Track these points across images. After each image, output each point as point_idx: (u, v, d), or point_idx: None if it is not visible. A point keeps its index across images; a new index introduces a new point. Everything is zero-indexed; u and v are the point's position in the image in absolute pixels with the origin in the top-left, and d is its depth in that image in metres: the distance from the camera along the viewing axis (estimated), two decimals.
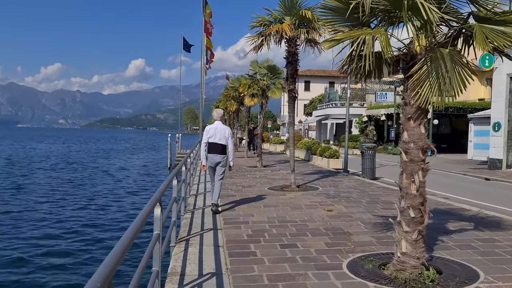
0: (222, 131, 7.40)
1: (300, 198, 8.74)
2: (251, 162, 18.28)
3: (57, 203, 16.06)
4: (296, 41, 9.94)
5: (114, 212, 14.80)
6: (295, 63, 10.04)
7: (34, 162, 33.86)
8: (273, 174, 13.46)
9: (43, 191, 19.03)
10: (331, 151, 16.32)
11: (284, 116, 75.03)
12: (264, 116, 16.16)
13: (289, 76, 10.07)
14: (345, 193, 9.50)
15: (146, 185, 21.83)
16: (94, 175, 25.57)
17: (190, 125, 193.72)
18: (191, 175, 10.15)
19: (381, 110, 32.79)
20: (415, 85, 3.94)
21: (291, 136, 10.22)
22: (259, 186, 10.58)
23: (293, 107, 10.23)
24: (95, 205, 15.88)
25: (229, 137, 7.50)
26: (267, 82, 15.61)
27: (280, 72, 15.68)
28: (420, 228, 4.12)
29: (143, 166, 32.65)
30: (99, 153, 49.40)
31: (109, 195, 18.49)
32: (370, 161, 12.53)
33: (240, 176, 12.82)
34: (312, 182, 11.48)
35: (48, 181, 22.57)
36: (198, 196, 9.18)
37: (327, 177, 12.51)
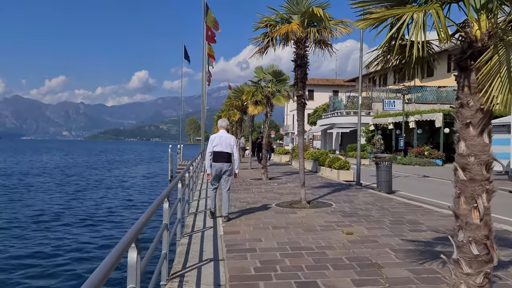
0: (227, 139, 7.42)
1: (313, 217, 7.72)
2: (255, 174, 17.27)
3: (45, 223, 15.07)
4: (305, 42, 9.01)
5: (105, 230, 13.79)
6: (304, 66, 9.09)
7: (32, 175, 32.97)
8: (280, 188, 12.45)
9: (36, 208, 18.08)
10: (341, 162, 15.30)
11: (287, 126, 74.05)
12: (268, 125, 15.20)
13: (298, 81, 9.12)
14: (362, 210, 8.46)
15: (143, 199, 20.81)
16: (89, 190, 24.60)
17: (193, 135, 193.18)
18: (190, 190, 9.16)
19: (389, 118, 31.81)
20: (483, 81, 2.94)
21: (300, 146, 9.22)
22: (266, 202, 9.57)
23: (302, 115, 9.26)
24: (84, 223, 14.86)
25: (234, 145, 7.51)
26: (272, 89, 14.69)
27: (286, 78, 14.76)
28: (487, 270, 3.10)
29: (144, 178, 31.69)
30: (100, 165, 48.53)
31: (102, 210, 17.49)
32: (386, 173, 11.50)
33: (244, 190, 11.81)
34: (324, 197, 10.46)
35: (44, 195, 21.62)
36: (198, 214, 8.18)
37: (339, 191, 11.48)
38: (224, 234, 6.35)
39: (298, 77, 9.11)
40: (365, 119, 35.75)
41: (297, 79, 9.14)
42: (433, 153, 26.83)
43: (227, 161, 7.38)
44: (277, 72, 14.61)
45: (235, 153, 7.50)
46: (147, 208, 3.39)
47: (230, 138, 7.48)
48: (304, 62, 9.07)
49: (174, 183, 5.67)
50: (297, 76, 9.12)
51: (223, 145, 7.35)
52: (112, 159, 65.30)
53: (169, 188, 4.77)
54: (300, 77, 9.08)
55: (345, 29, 8.70)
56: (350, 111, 36.90)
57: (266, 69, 14.80)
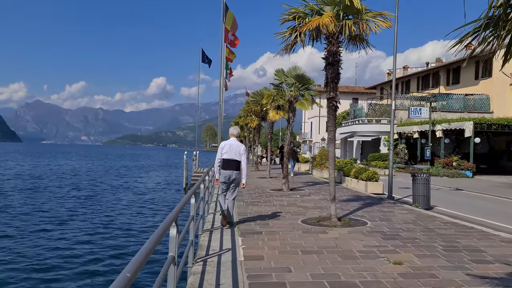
0: (237, 147, 7.44)
1: (348, 239, 6.59)
2: (275, 184, 16.18)
3: (54, 230, 14.26)
4: (339, 37, 7.94)
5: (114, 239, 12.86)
6: (337, 64, 8.01)
7: (48, 179, 32.56)
8: (304, 201, 11.32)
9: (44, 212, 17.34)
10: (369, 172, 14.08)
11: (305, 133, 72.67)
12: (291, 131, 14.11)
13: (329, 81, 8.04)
14: (404, 231, 7.28)
15: (156, 209, 19.89)
16: (101, 197, 23.85)
17: (209, 142, 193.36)
18: (205, 203, 8.14)
19: (414, 127, 30.35)
20: None
21: (332, 156, 8.10)
22: (290, 218, 8.46)
23: (333, 120, 8.17)
24: (95, 234, 13.98)
25: (243, 154, 7.50)
26: (294, 93, 13.62)
27: (311, 82, 13.67)
28: None
29: (157, 185, 30.88)
30: (113, 170, 48.10)
31: (111, 220, 16.62)
32: (424, 187, 10.25)
33: (265, 203, 10.73)
34: (355, 212, 9.30)
35: (54, 200, 20.95)
36: (213, 232, 7.13)
37: (371, 206, 10.30)
38: (245, 260, 5.28)
39: (329, 77, 8.03)
40: (387, 127, 34.31)
41: (328, 80, 8.06)
42: (462, 164, 25.26)
43: (236, 169, 7.38)
44: (300, 75, 13.54)
45: (243, 161, 7.45)
46: None
47: (240, 147, 7.48)
48: (337, 60, 7.99)
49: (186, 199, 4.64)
50: (328, 76, 8.04)
51: (232, 152, 7.37)
52: (128, 165, 65.08)
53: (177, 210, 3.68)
54: (332, 77, 8.00)
55: (384, 23, 7.61)
56: (372, 119, 35.53)
57: (288, 71, 13.74)
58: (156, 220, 16.63)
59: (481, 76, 35.34)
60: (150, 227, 15.23)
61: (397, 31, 11.73)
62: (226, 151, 7.38)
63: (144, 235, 13.97)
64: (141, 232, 14.37)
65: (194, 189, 5.71)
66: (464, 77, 37.68)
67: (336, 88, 8.05)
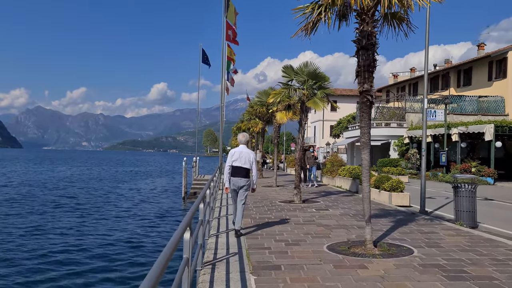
0: (247, 155, 7.40)
1: (399, 278, 4.85)
2: (283, 194, 14.46)
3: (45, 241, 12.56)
4: (374, 14, 6.26)
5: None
6: (372, 48, 6.32)
7: (44, 188, 30.83)
8: (322, 217, 9.58)
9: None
10: (393, 182, 12.33)
11: (308, 138, 70.86)
12: (303, 136, 12.38)
13: (361, 70, 6.35)
14: (468, 264, 5.52)
15: (153, 223, 18.15)
16: (94, 208, 22.12)
17: (210, 147, 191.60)
18: (207, 223, 6.45)
19: (427, 130, 28.61)
20: None
21: (366, 165, 6.39)
22: (312, 243, 6.74)
23: (368, 118, 6.48)
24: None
25: (253, 162, 7.47)
26: (307, 92, 11.93)
27: (326, 78, 11.95)
28: None
29: (155, 194, 29.10)
30: (107, 177, 46.35)
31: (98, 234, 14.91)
32: (470, 200, 8.49)
33: (277, 220, 9.00)
34: (390, 233, 7.56)
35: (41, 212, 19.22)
36: (217, 266, 5.41)
37: (406, 224, 8.55)
38: None
39: (362, 64, 6.33)
40: (398, 131, 32.71)
41: (360, 68, 6.36)
42: (483, 169, 23.49)
43: (245, 176, 7.33)
44: (313, 72, 11.82)
45: (253, 169, 7.47)
46: None
47: (250, 154, 7.45)
48: (372, 43, 6.29)
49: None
50: (361, 64, 6.35)
51: (242, 160, 7.33)
52: (128, 171, 63.36)
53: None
54: (366, 65, 6.30)
55: None
56: (381, 122, 33.81)
57: (299, 68, 12.01)
58: (153, 235, 14.92)
59: (495, 77, 33.69)
60: (145, 241, 13.52)
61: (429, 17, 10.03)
62: (235, 159, 7.34)
63: (139, 250, 12.32)
64: (136, 247, 12.71)
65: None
66: (476, 78, 36.04)
67: (371, 78, 6.35)
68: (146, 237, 14.43)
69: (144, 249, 12.78)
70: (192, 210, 3.97)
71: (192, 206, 4.31)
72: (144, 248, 12.98)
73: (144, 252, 12.47)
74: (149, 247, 13.04)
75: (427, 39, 9.99)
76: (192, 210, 3.97)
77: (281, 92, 12.26)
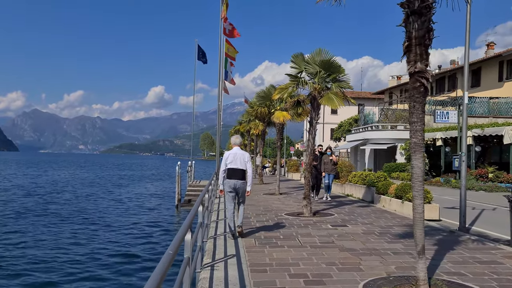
0: (241, 156, 7.34)
1: None
2: (289, 204, 12.67)
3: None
4: None
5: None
6: (427, 13, 4.56)
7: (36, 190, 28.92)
8: (343, 236, 7.78)
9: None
10: None
11: (307, 141, 68.90)
12: (314, 137, 10.60)
13: (413, 43, 4.58)
14: None
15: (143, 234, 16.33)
16: (83, 216, 20.27)
17: (207, 151, 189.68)
18: (206, 224, 4.69)
19: (437, 133, 26.91)
20: None
21: (419, 174, 4.60)
22: (341, 279, 4.93)
23: (422, 109, 4.74)
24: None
25: (248, 162, 7.38)
26: (319, 86, 10.17)
27: (341, 70, 10.19)
28: None
29: (147, 201, 27.24)
30: (98, 182, 44.42)
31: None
32: None
33: (286, 240, 7.19)
34: (441, 265, 5.74)
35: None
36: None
37: (453, 248, 6.74)
38: None
39: (413, 36, 4.56)
40: (405, 133, 30.95)
41: (411, 40, 4.59)
42: (501, 175, 21.78)
43: (241, 178, 7.28)
44: (327, 62, 10.06)
45: (249, 169, 7.40)
46: None
47: (244, 155, 7.40)
48: (427, 6, 4.53)
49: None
50: (412, 35, 4.57)
51: (237, 162, 7.28)
52: (121, 175, 61.47)
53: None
54: (419, 36, 4.53)
55: None
56: (387, 125, 32.10)
57: (310, 56, 10.26)
58: (138, 250, 13.09)
59: (506, 78, 32.15)
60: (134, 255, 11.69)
61: None
62: (230, 161, 7.28)
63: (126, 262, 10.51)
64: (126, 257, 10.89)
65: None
66: (485, 79, 34.48)
67: (427, 55, 4.58)
68: (127, 257, 12.60)
69: (123, 268, 10.99)
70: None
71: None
72: (124, 265, 11.19)
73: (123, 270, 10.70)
74: (132, 266, 11.25)
75: (468, 19, 8.26)
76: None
77: (289, 87, 10.49)
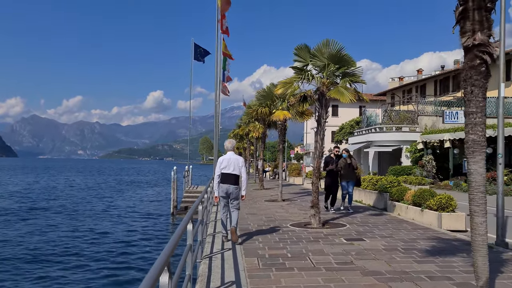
0: (236, 161, 7.28)
1: None
2: (293, 212, 11.47)
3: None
4: None
5: None
6: None
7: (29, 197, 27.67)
8: (362, 253, 6.57)
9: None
10: (441, 198, 9.34)
11: (308, 145, 67.80)
12: (322, 138, 9.41)
13: (470, 7, 3.41)
14: None
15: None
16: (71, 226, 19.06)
17: (206, 155, 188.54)
18: (200, 242, 3.53)
19: (445, 134, 25.73)
20: None
21: (479, 182, 3.43)
22: None
23: (482, 96, 3.77)
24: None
25: (242, 167, 7.32)
26: (327, 81, 9.02)
27: (352, 64, 9.02)
28: None
29: (141, 209, 26.01)
30: (93, 187, 43.17)
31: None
32: None
33: (296, 260, 5.98)
34: None
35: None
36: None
37: (500, 270, 5.53)
38: None
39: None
40: (410, 135, 29.84)
41: (467, 3, 3.42)
42: None
43: (234, 183, 7.19)
44: (336, 54, 8.90)
45: (243, 174, 7.32)
46: None
47: (238, 160, 7.33)
48: None
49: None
50: None
51: (231, 167, 7.20)
52: (119, 179, 60.23)
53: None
54: None
55: None
56: (392, 127, 30.96)
57: (317, 48, 9.11)
58: (129, 260, 11.88)
59: None
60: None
61: None
62: (224, 166, 7.23)
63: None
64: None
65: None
66: (492, 78, 33.39)
67: (488, 23, 3.42)
68: (116, 268, 11.39)
69: (109, 279, 9.79)
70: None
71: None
72: (110, 277, 9.98)
73: None
74: (119, 278, 10.05)
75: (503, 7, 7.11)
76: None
77: (293, 81, 9.32)
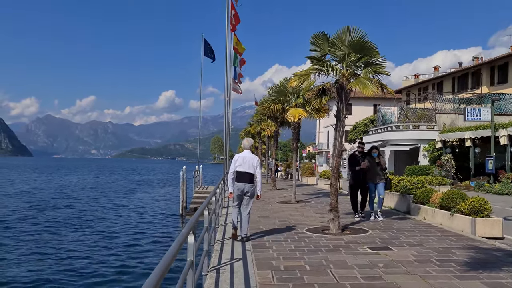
0: (251, 160, 7.25)
1: None
2: (309, 216, 10.64)
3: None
4: None
5: None
6: None
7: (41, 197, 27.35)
8: (390, 266, 5.74)
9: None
10: (475, 201, 8.43)
11: (320, 144, 66.71)
12: (341, 136, 8.59)
13: None
14: None
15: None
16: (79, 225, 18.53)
17: (217, 154, 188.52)
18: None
19: (465, 133, 24.60)
20: None
21: None
22: None
23: None
24: None
25: (258, 166, 7.31)
26: (347, 72, 8.19)
27: (375, 53, 8.15)
28: None
29: (149, 209, 25.41)
30: (104, 187, 42.85)
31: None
32: None
33: (316, 276, 5.18)
34: None
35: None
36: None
37: None
38: None
39: None
40: (428, 134, 28.75)
41: None
42: None
43: (249, 181, 7.20)
44: (358, 42, 8.05)
45: (257, 174, 7.27)
46: None
47: (254, 159, 7.30)
48: None
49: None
50: None
51: (246, 165, 7.19)
52: (129, 179, 60.01)
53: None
54: None
55: None
56: (409, 125, 29.86)
57: (336, 36, 8.27)
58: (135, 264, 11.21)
59: None
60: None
61: None
62: (239, 164, 7.21)
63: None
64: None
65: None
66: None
67: None
68: (121, 272, 10.72)
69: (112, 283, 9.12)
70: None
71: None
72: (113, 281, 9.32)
73: None
74: (122, 284, 9.37)
75: None
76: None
77: (310, 73, 8.49)
